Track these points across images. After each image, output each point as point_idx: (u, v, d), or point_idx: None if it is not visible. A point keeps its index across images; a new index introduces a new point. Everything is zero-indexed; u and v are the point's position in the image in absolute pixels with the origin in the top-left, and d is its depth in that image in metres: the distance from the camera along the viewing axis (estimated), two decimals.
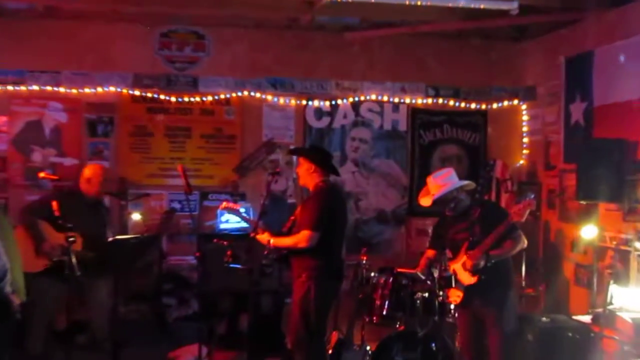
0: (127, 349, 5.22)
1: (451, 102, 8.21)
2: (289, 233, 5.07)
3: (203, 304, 6.85)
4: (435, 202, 4.95)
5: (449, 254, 4.91)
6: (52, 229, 5.34)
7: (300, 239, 4.86)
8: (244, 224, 5.59)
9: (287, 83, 7.84)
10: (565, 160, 7.14)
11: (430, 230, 7.51)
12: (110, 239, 5.47)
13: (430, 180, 5.02)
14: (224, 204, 5.23)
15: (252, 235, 4.91)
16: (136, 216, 7.12)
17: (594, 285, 6.05)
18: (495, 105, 8.25)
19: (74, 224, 4.86)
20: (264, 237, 4.93)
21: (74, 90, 7.55)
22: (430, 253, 5.20)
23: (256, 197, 7.80)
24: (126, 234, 7.09)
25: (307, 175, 5.08)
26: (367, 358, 5.48)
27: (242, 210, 5.59)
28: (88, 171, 5.69)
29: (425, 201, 5.04)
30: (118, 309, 5.63)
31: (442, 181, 4.92)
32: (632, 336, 4.96)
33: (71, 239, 4.69)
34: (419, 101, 8.20)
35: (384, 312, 5.10)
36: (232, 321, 6.84)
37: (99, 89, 7.57)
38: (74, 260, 4.69)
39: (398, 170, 8.30)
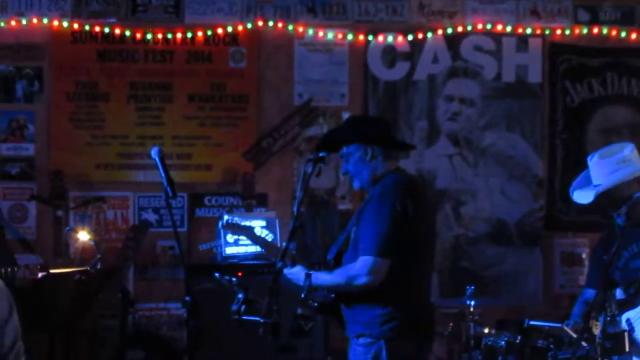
0: None
1: (620, 33, 8.16)
2: (339, 262, 5.07)
3: None
4: (599, 200, 4.93)
5: (620, 294, 4.86)
6: None
7: (359, 270, 4.83)
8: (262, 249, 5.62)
9: (335, 4, 7.87)
10: None
11: (586, 255, 7.51)
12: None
13: (593, 162, 5.02)
14: (226, 218, 5.23)
15: (279, 267, 4.91)
16: (83, 235, 7.19)
17: None
18: None
19: None
20: (297, 270, 4.94)
21: None
22: (588, 294, 5.17)
23: (285, 202, 7.87)
24: (66, 265, 7.13)
25: (364, 166, 5.03)
26: None
27: (257, 226, 5.56)
28: None
29: (582, 196, 5.05)
30: None
31: (614, 165, 4.90)
32: None
33: None
34: (564, 32, 8.17)
35: None
36: None
37: (16, 21, 7.66)
38: None
39: (528, 151, 8.27)
